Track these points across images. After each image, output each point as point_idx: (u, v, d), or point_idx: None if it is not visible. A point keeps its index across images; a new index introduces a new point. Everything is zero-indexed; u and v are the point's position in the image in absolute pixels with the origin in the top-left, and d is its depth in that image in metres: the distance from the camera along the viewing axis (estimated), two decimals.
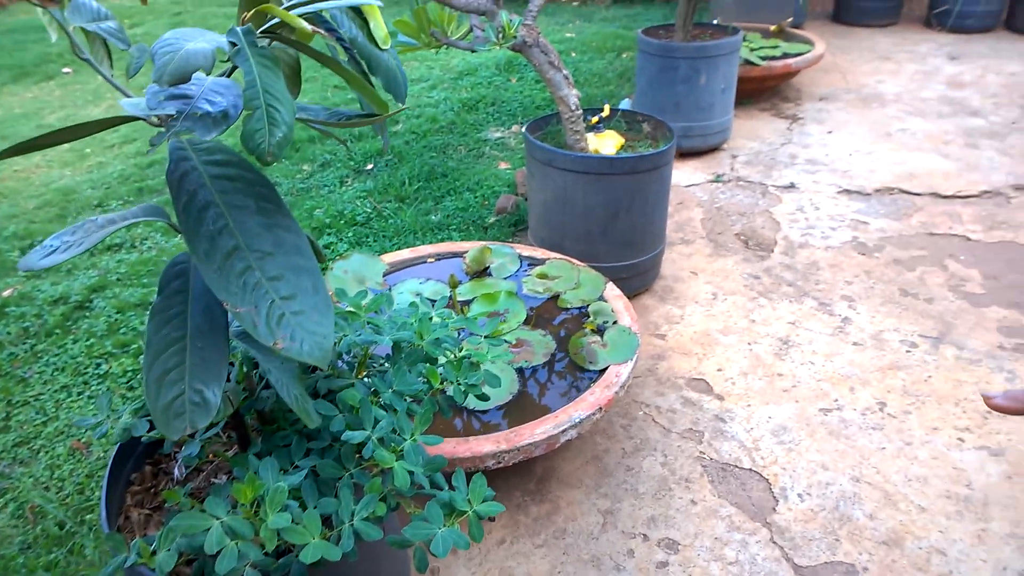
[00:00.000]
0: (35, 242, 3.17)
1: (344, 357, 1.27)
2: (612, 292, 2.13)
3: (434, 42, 2.26)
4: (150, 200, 3.51)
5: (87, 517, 1.86)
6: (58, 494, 1.94)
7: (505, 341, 1.92)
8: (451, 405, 1.25)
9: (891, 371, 2.27)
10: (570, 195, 2.39)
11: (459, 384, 1.20)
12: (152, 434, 1.21)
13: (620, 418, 2.13)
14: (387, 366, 1.25)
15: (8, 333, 2.56)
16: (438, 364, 1.24)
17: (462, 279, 2.22)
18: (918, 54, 5.26)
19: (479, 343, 1.32)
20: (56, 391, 2.29)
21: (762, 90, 4.47)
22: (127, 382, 2.31)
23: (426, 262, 2.34)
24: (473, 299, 2.12)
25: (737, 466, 1.96)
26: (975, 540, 1.73)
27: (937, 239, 2.96)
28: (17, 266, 2.41)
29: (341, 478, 1.08)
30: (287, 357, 0.87)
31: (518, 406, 1.80)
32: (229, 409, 1.08)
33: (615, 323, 2.00)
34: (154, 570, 0.97)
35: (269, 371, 1.00)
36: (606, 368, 1.84)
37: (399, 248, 2.91)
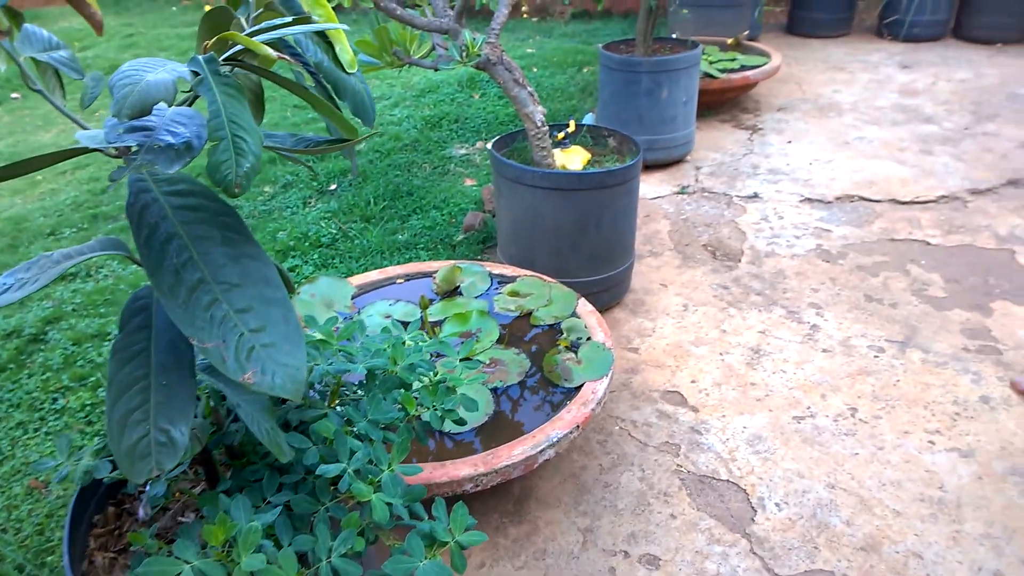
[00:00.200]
0: None
1: (316, 386, 1.24)
2: (585, 308, 2.13)
3: (397, 61, 2.24)
4: (105, 227, 3.42)
5: (48, 559, 1.78)
6: (16, 536, 1.85)
7: (479, 362, 1.90)
8: (427, 430, 1.22)
9: (860, 377, 2.29)
10: (539, 212, 2.38)
11: (435, 409, 1.18)
12: (115, 474, 1.16)
13: (596, 434, 2.11)
14: (360, 394, 1.22)
15: None
16: (413, 390, 1.21)
17: (433, 299, 2.20)
18: (871, 63, 5.39)
19: (453, 366, 1.30)
20: (11, 428, 2.21)
21: (722, 102, 4.54)
22: (85, 417, 2.23)
23: (395, 283, 2.30)
24: (444, 319, 2.09)
25: (714, 478, 1.95)
26: (950, 542, 1.75)
27: (898, 244, 3.02)
28: None
29: (316, 513, 1.05)
30: (258, 391, 0.83)
31: (494, 427, 1.77)
32: (197, 447, 1.04)
33: (589, 339, 1.99)
34: None
35: (238, 405, 0.97)
36: (582, 385, 1.83)
37: (366, 269, 2.87)
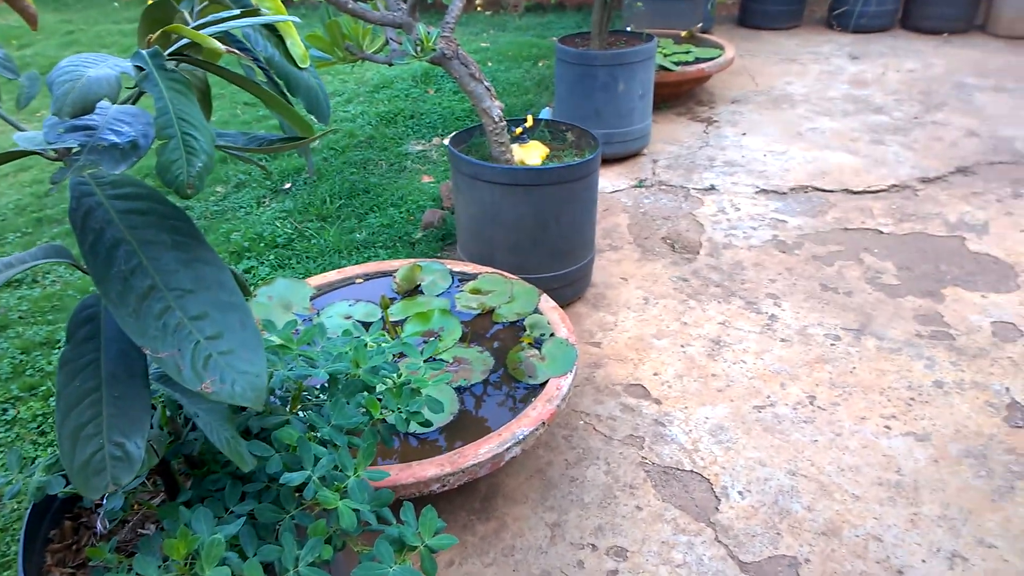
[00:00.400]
0: None
1: (277, 392, 1.21)
2: (547, 304, 2.12)
3: (349, 56, 2.19)
4: (51, 231, 3.30)
5: (3, 575, 1.72)
6: None
7: (443, 361, 1.88)
8: (392, 432, 1.20)
9: (818, 365, 2.33)
10: (499, 208, 2.37)
11: (400, 412, 1.16)
12: (69, 489, 1.11)
13: (561, 429, 2.11)
14: (323, 398, 1.20)
15: None
16: (377, 392, 1.19)
17: (393, 299, 2.17)
18: (822, 55, 5.49)
19: (417, 367, 1.28)
20: None
21: (678, 95, 4.58)
22: (38, 427, 2.15)
23: (355, 283, 2.27)
24: (406, 319, 2.07)
25: (679, 468, 1.97)
26: (908, 524, 1.79)
27: (852, 234, 3.08)
28: None
29: (282, 522, 1.02)
30: (217, 400, 0.81)
31: (460, 425, 1.75)
32: (154, 459, 1.00)
33: (552, 335, 1.98)
34: None
35: (196, 414, 0.94)
36: (546, 381, 1.83)
37: (324, 269, 2.82)
